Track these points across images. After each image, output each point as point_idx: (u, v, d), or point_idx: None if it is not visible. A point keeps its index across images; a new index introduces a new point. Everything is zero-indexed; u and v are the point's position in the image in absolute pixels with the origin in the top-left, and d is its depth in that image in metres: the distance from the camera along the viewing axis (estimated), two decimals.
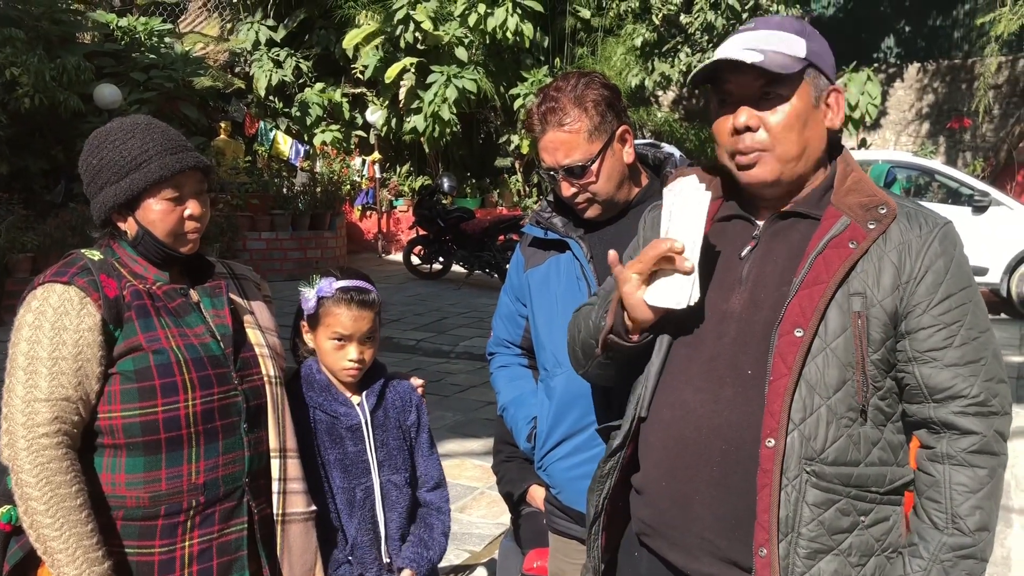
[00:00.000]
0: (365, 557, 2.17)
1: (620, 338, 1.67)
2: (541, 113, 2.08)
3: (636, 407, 1.69)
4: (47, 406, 1.70)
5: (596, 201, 2.11)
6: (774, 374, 1.50)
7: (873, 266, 1.51)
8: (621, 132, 2.09)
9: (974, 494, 1.47)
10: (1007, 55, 14.05)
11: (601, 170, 2.07)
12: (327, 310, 2.16)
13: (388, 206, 14.64)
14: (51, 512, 1.66)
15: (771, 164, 1.58)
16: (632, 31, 13.60)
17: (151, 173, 1.80)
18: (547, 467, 2.25)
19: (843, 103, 1.62)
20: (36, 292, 1.79)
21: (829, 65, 1.62)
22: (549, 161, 2.09)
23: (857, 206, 1.55)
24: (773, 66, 1.53)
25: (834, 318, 1.49)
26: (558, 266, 2.20)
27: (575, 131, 2.04)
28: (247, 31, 14.80)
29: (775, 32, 1.59)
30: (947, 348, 1.49)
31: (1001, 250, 9.98)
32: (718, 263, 1.64)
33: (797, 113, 1.56)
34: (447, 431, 5.82)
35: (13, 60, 10.48)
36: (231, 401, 1.87)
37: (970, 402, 1.48)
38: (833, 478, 1.49)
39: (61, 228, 9.37)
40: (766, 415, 1.50)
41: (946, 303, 1.50)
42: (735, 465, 1.54)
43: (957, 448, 1.48)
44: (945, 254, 1.51)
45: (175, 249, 1.87)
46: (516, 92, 13.05)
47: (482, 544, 4.20)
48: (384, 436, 2.23)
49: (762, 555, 1.50)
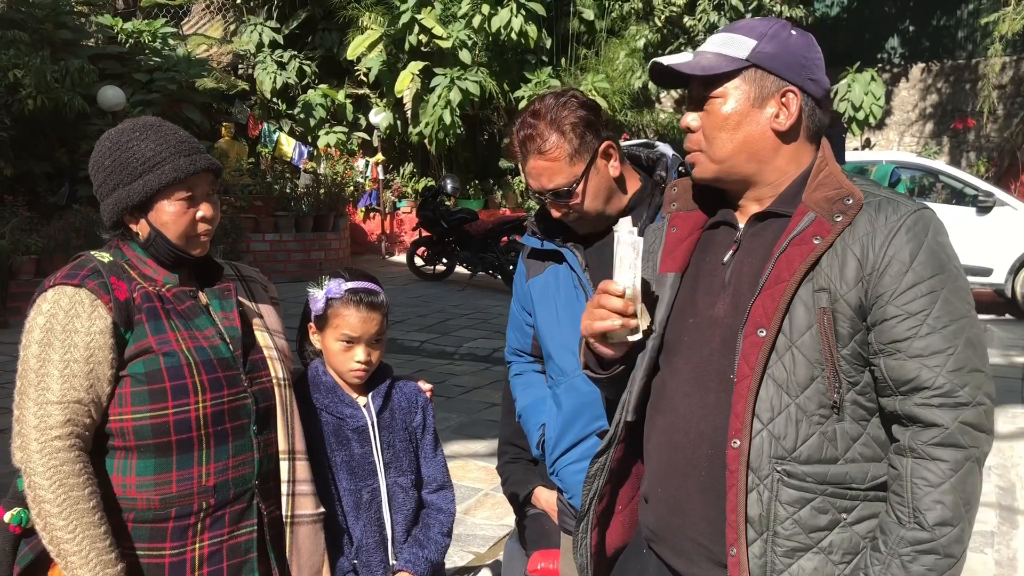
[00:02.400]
0: (371, 559, 2.17)
1: (594, 372, 1.74)
2: (520, 140, 2.09)
3: (622, 411, 1.71)
4: (59, 408, 1.70)
5: (583, 217, 2.13)
6: (738, 375, 1.51)
7: (837, 259, 1.49)
8: (604, 148, 2.09)
9: (935, 488, 1.43)
10: (1011, 55, 14.02)
11: (586, 190, 2.08)
12: (335, 311, 2.16)
13: (391, 208, 14.65)
14: (64, 514, 1.67)
15: (705, 164, 1.62)
16: (635, 32, 13.60)
17: (165, 175, 1.80)
18: (558, 471, 2.26)
19: (796, 104, 1.58)
20: (46, 295, 1.78)
21: (788, 66, 1.58)
22: (535, 186, 2.12)
23: (823, 200, 1.53)
24: (693, 68, 1.57)
25: (800, 315, 1.48)
26: (556, 275, 2.21)
27: (555, 157, 2.05)
28: (250, 33, 14.83)
29: (730, 35, 1.62)
30: (912, 339, 1.44)
31: (1005, 251, 9.95)
32: (706, 270, 1.65)
33: (727, 114, 1.58)
34: (451, 432, 5.82)
35: (16, 62, 10.50)
36: (241, 403, 1.87)
37: (934, 393, 1.43)
38: (806, 477, 1.48)
39: (65, 230, 9.38)
40: (732, 417, 1.50)
41: (912, 291, 1.45)
42: (720, 469, 1.54)
43: (919, 441, 1.44)
44: (913, 240, 1.46)
45: (187, 251, 1.87)
46: (520, 94, 13.05)
47: (486, 546, 4.20)
48: (391, 438, 2.23)
49: (732, 555, 1.50)
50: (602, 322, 1.61)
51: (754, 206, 1.64)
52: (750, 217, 1.64)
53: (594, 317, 1.63)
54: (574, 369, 2.00)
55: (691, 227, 1.72)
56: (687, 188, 1.77)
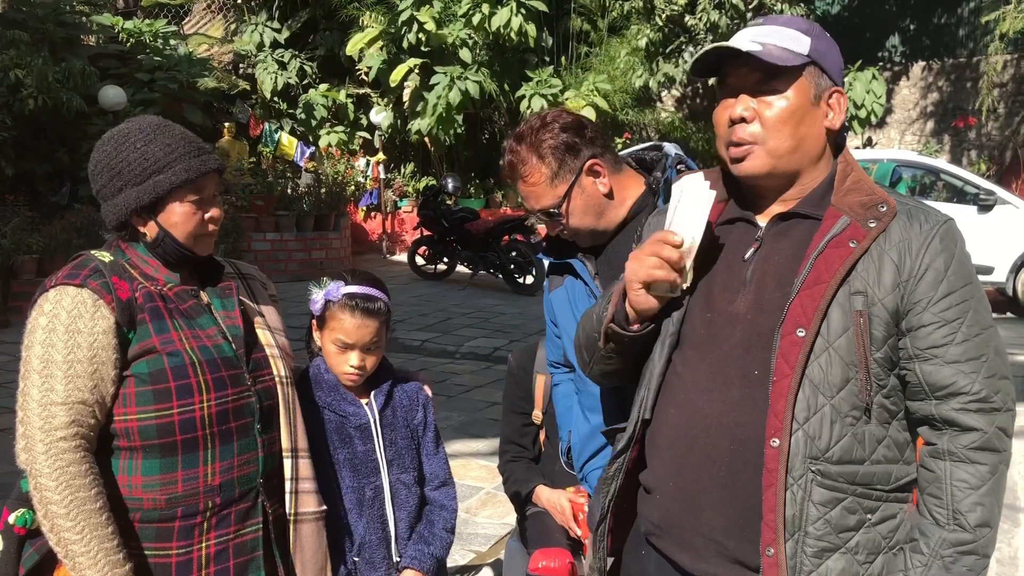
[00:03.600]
0: (374, 556, 2.17)
1: (621, 328, 1.69)
2: (507, 166, 2.16)
3: (640, 409, 1.70)
4: (64, 409, 1.70)
5: (580, 234, 2.16)
6: (777, 374, 1.51)
7: (874, 264, 1.51)
8: (589, 166, 2.11)
9: (975, 490, 1.47)
10: (1012, 53, 14.01)
11: (571, 210, 2.12)
12: (333, 314, 2.16)
13: (392, 207, 14.65)
14: (72, 515, 1.66)
15: (762, 158, 1.59)
16: (636, 31, 13.59)
17: (176, 176, 1.80)
18: (587, 476, 2.29)
19: (845, 104, 1.62)
20: (48, 295, 1.78)
21: (834, 65, 1.62)
22: (527, 207, 2.19)
23: (857, 205, 1.55)
24: (770, 58, 1.54)
25: (836, 317, 1.50)
26: (573, 286, 2.24)
27: (535, 182, 2.11)
28: (251, 33, 14.84)
29: (781, 28, 1.60)
30: (948, 345, 1.49)
31: (1007, 249, 9.96)
32: (723, 266, 1.65)
33: (792, 108, 1.57)
34: (452, 431, 5.82)
35: (18, 62, 10.51)
36: (245, 402, 1.87)
37: (971, 398, 1.48)
38: (838, 477, 1.49)
39: (66, 230, 9.39)
40: (770, 415, 1.51)
41: (947, 300, 1.50)
42: (742, 465, 1.54)
43: (958, 444, 1.48)
44: (946, 251, 1.51)
45: (194, 251, 1.87)
46: (521, 93, 13.05)
47: (488, 544, 4.20)
48: (392, 435, 2.24)
49: (769, 555, 1.50)
50: (654, 270, 1.58)
51: (778, 206, 1.64)
52: (773, 216, 1.64)
53: (645, 264, 1.60)
54: None
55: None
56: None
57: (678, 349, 1.66)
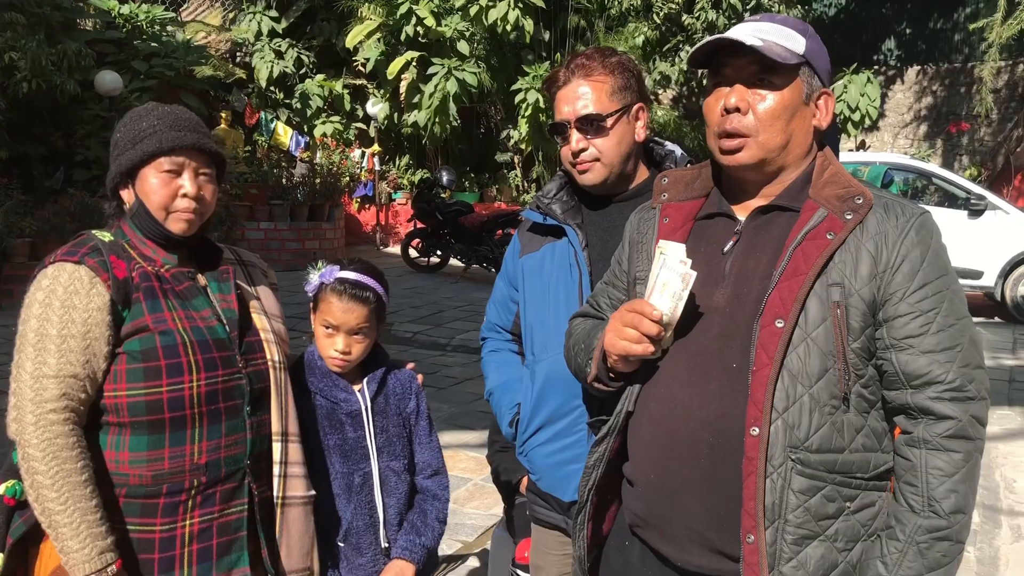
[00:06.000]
0: (361, 542, 2.19)
1: (603, 384, 1.76)
2: (570, 68, 2.16)
3: (624, 401, 1.73)
4: (55, 382, 1.72)
5: (600, 163, 2.13)
6: (756, 364, 1.53)
7: (851, 256, 1.54)
8: (638, 108, 2.16)
9: (949, 478, 1.49)
10: (1006, 59, 14.08)
11: (613, 130, 2.12)
12: (323, 296, 2.19)
13: (387, 199, 14.65)
14: (56, 486, 1.69)
15: (753, 149, 1.62)
16: (634, 29, 13.61)
17: (150, 144, 1.85)
18: (528, 452, 2.27)
19: (832, 106, 1.66)
20: (46, 271, 1.81)
21: (824, 68, 1.65)
22: (566, 112, 2.14)
23: (834, 197, 1.58)
24: (771, 53, 1.57)
25: (814, 308, 1.52)
26: (553, 253, 2.22)
27: (599, 83, 2.12)
28: (249, 21, 14.80)
29: (778, 26, 1.64)
30: (923, 335, 1.51)
31: (996, 254, 10.01)
32: (703, 260, 1.66)
33: (786, 104, 1.61)
34: (442, 423, 5.84)
35: (13, 44, 10.46)
36: (235, 384, 1.89)
37: (946, 387, 1.50)
38: (818, 465, 1.52)
39: (60, 214, 9.38)
40: (750, 404, 1.53)
41: (923, 291, 1.52)
42: (723, 457, 1.56)
43: (933, 433, 1.50)
44: (921, 243, 1.53)
45: (167, 227, 1.88)
46: (517, 87, 13.06)
47: (475, 535, 4.22)
48: (384, 423, 2.25)
49: (749, 541, 1.52)
50: (632, 344, 1.62)
51: (758, 200, 1.67)
52: (752, 210, 1.67)
53: (623, 336, 1.64)
54: (558, 346, 2.02)
55: (684, 217, 1.74)
56: (678, 179, 1.79)
57: None
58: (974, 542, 4.25)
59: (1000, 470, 5.28)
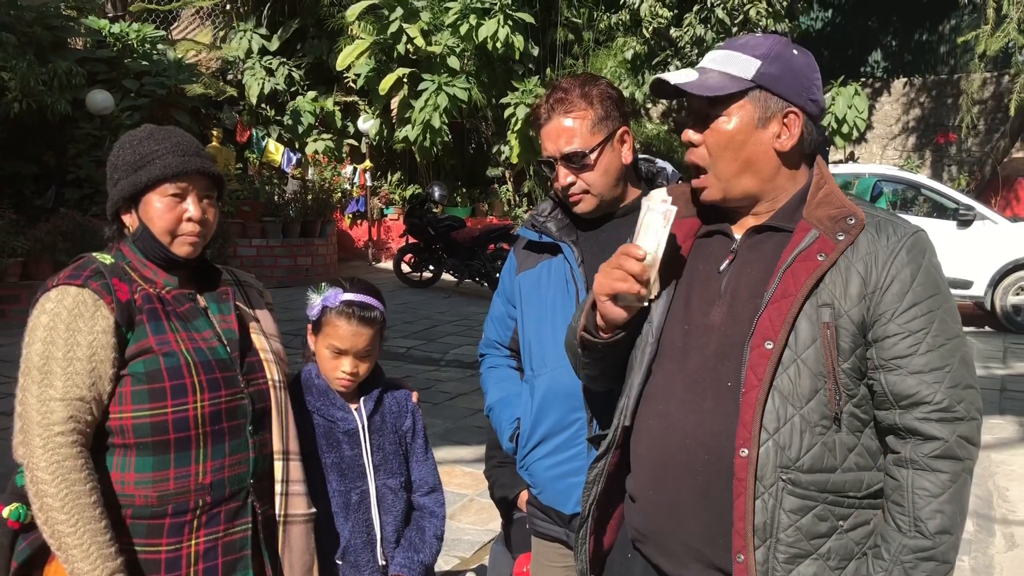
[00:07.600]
0: (359, 559, 2.20)
1: (592, 335, 1.74)
2: (550, 103, 2.18)
3: (620, 416, 1.74)
4: (62, 405, 1.74)
5: (590, 194, 2.17)
6: (746, 386, 1.54)
7: (841, 277, 1.54)
8: (621, 133, 2.18)
9: (935, 498, 1.50)
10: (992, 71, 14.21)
11: (599, 162, 2.15)
12: (329, 320, 2.19)
13: (379, 214, 14.67)
14: (66, 509, 1.69)
15: (714, 184, 1.66)
16: (623, 44, 13.70)
17: (154, 169, 1.86)
18: (528, 466, 2.29)
19: (798, 126, 1.63)
20: (50, 294, 1.82)
21: (791, 87, 1.63)
22: (551, 149, 2.18)
23: (826, 218, 1.59)
24: (699, 89, 1.60)
25: (804, 329, 1.53)
26: (549, 270, 2.25)
27: (579, 119, 2.14)
28: (240, 39, 14.83)
29: (734, 53, 1.65)
30: (912, 355, 1.52)
31: (985, 264, 10.09)
32: (700, 278, 1.69)
33: (731, 134, 1.62)
34: (437, 438, 5.84)
35: (3, 64, 10.45)
36: (238, 404, 1.91)
37: (933, 408, 1.51)
38: (809, 485, 1.53)
39: (52, 233, 9.33)
40: (739, 426, 1.54)
41: (912, 311, 1.52)
42: (717, 475, 1.58)
43: (920, 453, 1.51)
44: (912, 263, 1.54)
45: (172, 251, 1.90)
46: (507, 101, 13.12)
47: (472, 550, 4.23)
48: (380, 441, 2.26)
49: (740, 561, 1.54)
50: (619, 283, 1.63)
51: (751, 219, 1.69)
52: (748, 229, 1.68)
53: (611, 276, 1.64)
54: (557, 360, 2.04)
55: (684, 234, 1.75)
56: (679, 196, 1.81)
57: (657, 360, 1.70)
58: (968, 551, 4.27)
59: (993, 479, 5.31)
